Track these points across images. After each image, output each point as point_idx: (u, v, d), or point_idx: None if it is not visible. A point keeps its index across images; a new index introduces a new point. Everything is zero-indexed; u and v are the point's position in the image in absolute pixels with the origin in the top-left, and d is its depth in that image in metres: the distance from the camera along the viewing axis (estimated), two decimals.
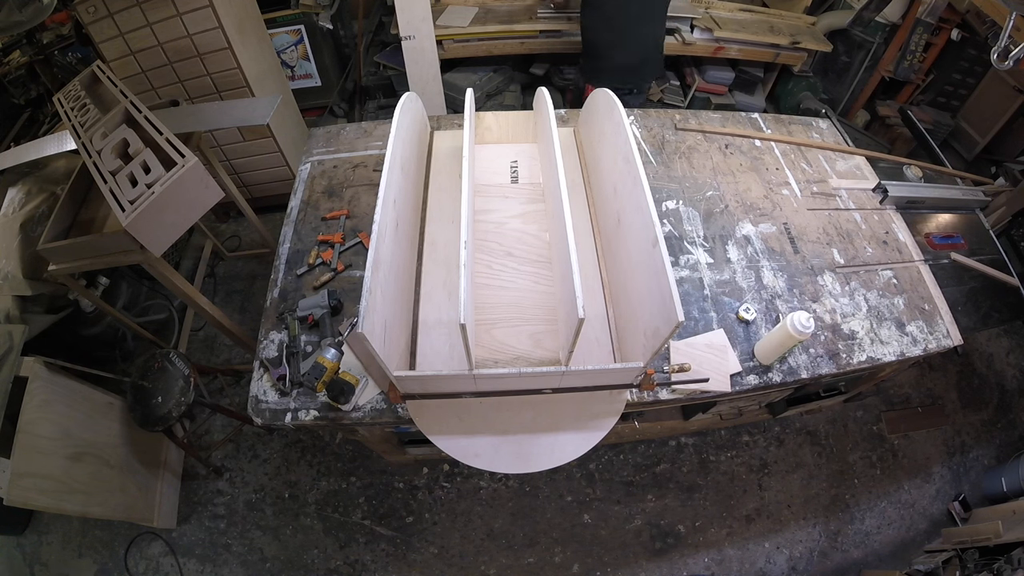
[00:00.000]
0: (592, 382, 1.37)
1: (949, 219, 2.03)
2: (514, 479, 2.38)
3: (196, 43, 2.35)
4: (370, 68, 3.42)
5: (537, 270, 1.51)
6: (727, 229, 1.85)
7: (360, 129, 2.14)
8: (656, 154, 2.07)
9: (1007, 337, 2.90)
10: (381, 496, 2.35)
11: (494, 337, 1.41)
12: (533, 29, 2.99)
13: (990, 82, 3.16)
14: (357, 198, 1.90)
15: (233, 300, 2.93)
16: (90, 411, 1.98)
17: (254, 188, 2.98)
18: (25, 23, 2.28)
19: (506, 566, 2.22)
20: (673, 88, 3.47)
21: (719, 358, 1.50)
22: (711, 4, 3.31)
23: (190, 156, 1.58)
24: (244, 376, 2.62)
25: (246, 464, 2.44)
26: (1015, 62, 1.61)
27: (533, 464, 1.36)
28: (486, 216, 1.60)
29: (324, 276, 1.68)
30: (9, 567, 2.24)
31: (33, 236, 2.00)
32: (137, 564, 2.23)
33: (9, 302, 1.97)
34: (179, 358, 1.91)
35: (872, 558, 2.29)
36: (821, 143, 2.16)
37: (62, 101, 2.00)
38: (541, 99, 1.67)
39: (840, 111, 3.49)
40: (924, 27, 3.02)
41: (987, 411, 2.68)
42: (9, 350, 1.80)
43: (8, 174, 2.20)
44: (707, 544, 2.27)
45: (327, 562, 2.23)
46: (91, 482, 1.92)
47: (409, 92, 1.68)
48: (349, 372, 1.40)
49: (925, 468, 2.51)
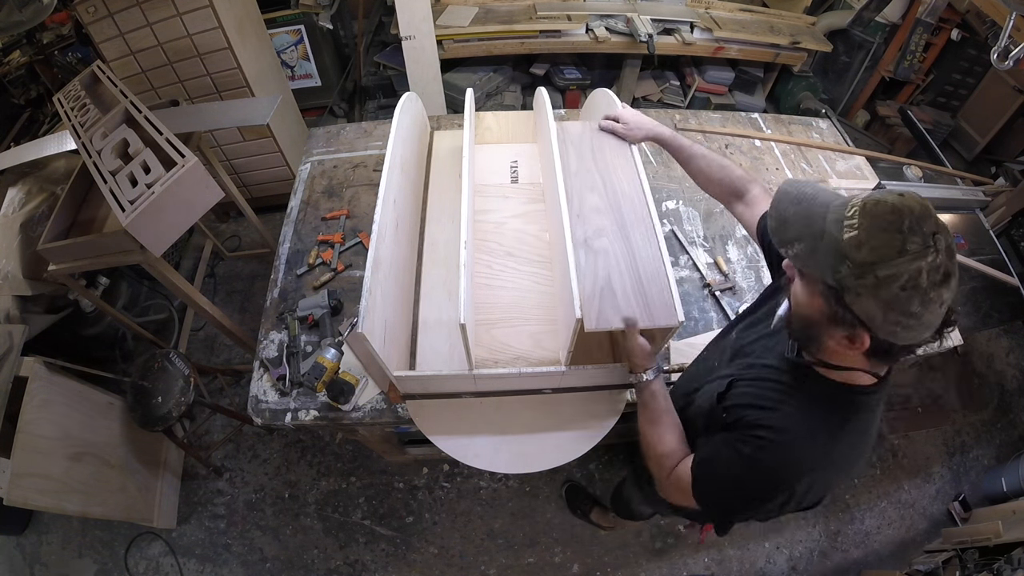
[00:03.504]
0: (592, 382, 1.37)
1: (949, 219, 2.03)
2: (514, 479, 2.37)
3: (196, 43, 2.34)
4: (370, 68, 3.42)
5: (537, 270, 1.50)
6: (727, 229, 1.85)
7: (360, 129, 2.14)
8: (656, 154, 2.07)
9: (1007, 337, 2.90)
10: (381, 496, 2.35)
11: (494, 337, 1.41)
12: (533, 29, 2.99)
13: (990, 82, 3.16)
14: (357, 198, 1.90)
15: (233, 300, 2.93)
16: (90, 411, 1.98)
17: (254, 188, 2.98)
18: (25, 23, 2.28)
19: (506, 566, 2.22)
20: (673, 88, 3.47)
21: None
22: (711, 4, 3.31)
23: (190, 156, 1.58)
24: (244, 376, 2.61)
25: (246, 464, 2.44)
26: (1015, 62, 1.61)
27: (533, 464, 1.36)
28: (486, 216, 1.59)
29: (324, 276, 1.68)
30: (9, 567, 2.24)
31: (33, 236, 1.99)
32: (137, 564, 2.23)
33: (9, 302, 1.97)
34: (179, 358, 1.91)
35: (872, 558, 2.29)
36: (821, 143, 2.16)
37: (62, 101, 2.00)
38: (541, 99, 1.67)
39: (840, 111, 3.49)
40: (924, 27, 3.01)
41: (987, 411, 2.68)
42: (9, 350, 1.80)
43: (8, 174, 2.20)
44: (707, 544, 2.27)
45: (327, 562, 2.23)
46: (91, 482, 1.92)
47: (409, 92, 1.68)
48: (349, 372, 1.40)
49: (925, 468, 2.51)
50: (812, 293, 0.80)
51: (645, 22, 3.03)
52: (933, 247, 0.68)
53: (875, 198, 0.73)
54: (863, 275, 0.71)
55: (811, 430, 0.88)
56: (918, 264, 0.68)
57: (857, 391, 0.87)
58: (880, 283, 0.70)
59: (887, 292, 0.70)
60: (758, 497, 0.93)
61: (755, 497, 0.94)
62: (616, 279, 1.16)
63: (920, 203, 0.71)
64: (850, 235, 0.71)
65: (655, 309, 1.11)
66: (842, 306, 0.75)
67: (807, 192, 0.82)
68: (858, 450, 0.92)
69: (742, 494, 0.95)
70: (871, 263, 0.70)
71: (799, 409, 0.89)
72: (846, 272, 0.72)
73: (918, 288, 0.69)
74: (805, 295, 0.82)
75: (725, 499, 0.99)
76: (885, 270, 0.69)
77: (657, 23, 3.07)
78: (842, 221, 0.73)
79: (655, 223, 1.27)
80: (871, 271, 0.70)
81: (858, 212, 0.72)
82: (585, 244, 1.23)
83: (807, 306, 0.82)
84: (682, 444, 1.07)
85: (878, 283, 0.70)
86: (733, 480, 0.94)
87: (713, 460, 0.98)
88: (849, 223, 0.72)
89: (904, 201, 0.71)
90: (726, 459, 0.94)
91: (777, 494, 0.91)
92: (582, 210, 1.32)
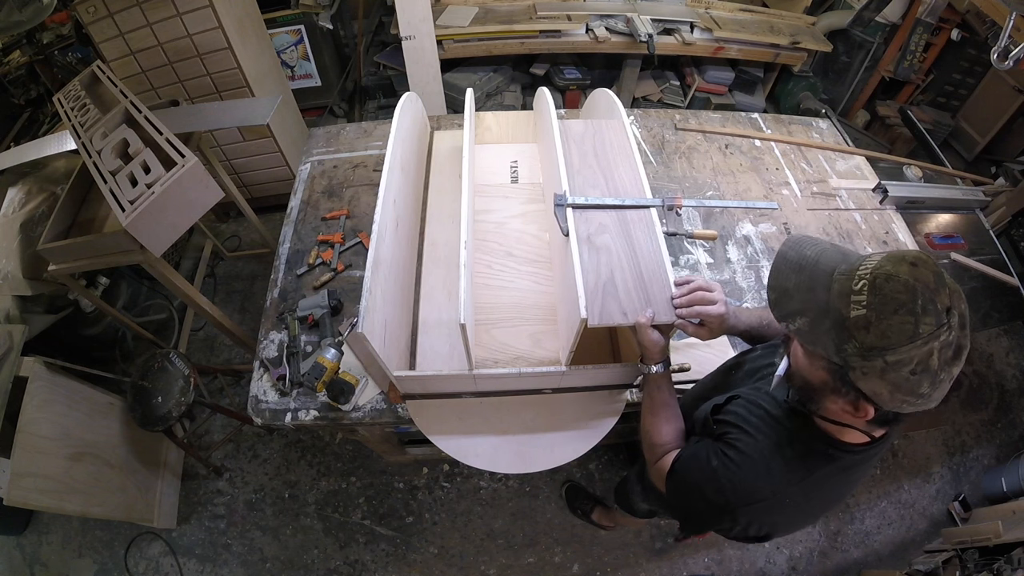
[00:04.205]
0: (592, 382, 1.37)
1: (949, 219, 2.03)
2: (514, 479, 2.37)
3: (196, 43, 2.34)
4: (370, 68, 3.42)
5: (537, 270, 1.51)
6: (727, 229, 1.85)
7: (360, 129, 2.14)
8: (656, 154, 2.07)
9: (1007, 337, 2.90)
10: (381, 496, 2.35)
11: (494, 337, 1.41)
12: (533, 29, 2.99)
13: (990, 82, 3.17)
14: (357, 198, 1.90)
15: (233, 300, 2.93)
16: (90, 411, 1.98)
17: (254, 188, 2.98)
18: (25, 23, 2.28)
19: (506, 566, 2.22)
20: (673, 88, 3.47)
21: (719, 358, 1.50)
22: (711, 4, 3.31)
23: (190, 156, 1.58)
24: (244, 376, 2.61)
25: (246, 464, 2.44)
26: (1015, 62, 1.61)
27: (533, 464, 1.36)
28: (486, 216, 1.60)
29: (324, 276, 1.68)
30: (9, 567, 2.24)
31: (33, 236, 1.99)
32: (137, 564, 2.23)
33: (9, 302, 1.97)
34: (179, 358, 1.91)
35: (872, 558, 2.29)
36: (821, 143, 2.16)
37: (62, 101, 2.00)
38: (541, 99, 1.67)
39: (840, 111, 3.49)
40: (924, 27, 3.02)
41: (987, 411, 2.68)
42: (9, 350, 1.79)
43: (8, 174, 2.20)
44: (707, 544, 2.27)
45: (327, 562, 2.23)
46: (91, 482, 1.92)
47: (409, 92, 1.68)
48: (349, 372, 1.40)
49: (925, 468, 2.51)
50: (814, 364, 0.76)
51: (645, 22, 3.03)
52: (947, 325, 0.64)
53: (886, 272, 0.67)
54: (870, 358, 0.66)
55: (770, 468, 0.87)
56: (930, 347, 0.64)
57: (840, 447, 0.83)
58: (888, 367, 0.66)
59: (896, 376, 0.66)
60: (707, 509, 0.94)
61: (705, 507, 0.94)
62: (618, 276, 1.16)
63: (934, 273, 0.66)
64: (857, 313, 0.67)
65: (656, 306, 1.11)
66: (846, 383, 0.71)
67: (809, 257, 0.76)
68: (814, 503, 0.90)
69: (697, 500, 0.95)
70: (879, 348, 0.65)
71: (773, 444, 0.88)
72: (852, 351, 0.68)
73: (928, 371, 0.65)
74: (806, 363, 0.78)
75: (685, 498, 1.00)
76: (895, 356, 0.65)
77: (657, 23, 3.07)
78: (849, 296, 0.68)
79: (655, 221, 1.27)
80: (879, 355, 0.66)
81: (867, 288, 0.67)
82: (588, 241, 1.23)
83: (808, 373, 0.78)
84: (677, 438, 1.08)
85: (886, 367, 0.66)
86: (696, 486, 0.95)
87: (690, 460, 0.99)
88: (857, 300, 0.67)
89: (917, 274, 0.65)
90: (699, 462, 0.95)
91: (722, 514, 0.91)
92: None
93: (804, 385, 0.81)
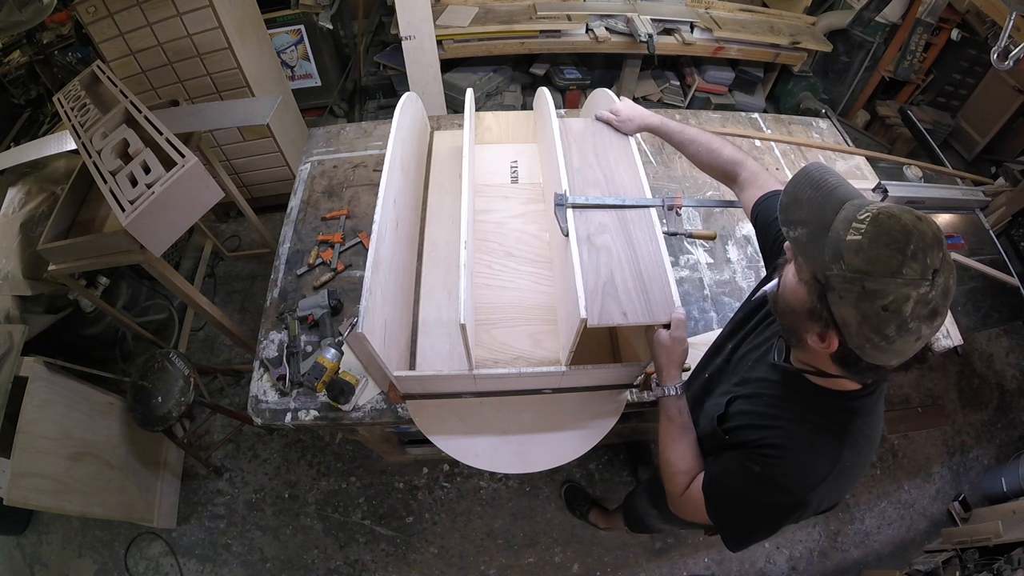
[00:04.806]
0: (592, 382, 1.37)
1: (949, 219, 2.03)
2: (514, 479, 2.38)
3: (196, 43, 2.34)
4: (370, 68, 3.42)
5: (537, 270, 1.50)
6: (727, 229, 1.85)
7: (360, 129, 2.14)
8: (656, 154, 2.07)
9: (1007, 337, 2.90)
10: (381, 496, 2.35)
11: (494, 337, 1.41)
12: (533, 29, 2.99)
13: (990, 82, 3.16)
14: (357, 198, 1.90)
15: (233, 300, 2.93)
16: (90, 411, 1.98)
17: (254, 188, 2.98)
18: (25, 23, 2.28)
19: (506, 566, 2.22)
20: (673, 88, 3.47)
21: None
22: (711, 4, 3.31)
23: (190, 156, 1.58)
24: (244, 376, 2.61)
25: (246, 464, 2.44)
26: (1015, 62, 1.61)
27: (533, 464, 1.36)
28: (486, 216, 1.59)
29: (324, 276, 1.68)
30: (9, 567, 2.24)
31: (33, 236, 1.99)
32: (137, 564, 2.23)
33: (9, 302, 1.97)
34: (179, 358, 1.91)
35: (872, 558, 2.29)
36: (821, 143, 2.16)
37: (62, 101, 2.00)
38: (542, 99, 1.67)
39: (840, 111, 3.48)
40: (924, 27, 3.01)
41: (987, 411, 2.68)
42: (9, 350, 1.79)
43: (8, 174, 2.20)
44: (707, 544, 2.27)
45: (327, 562, 2.23)
46: (91, 482, 1.92)
47: (409, 92, 1.68)
48: (349, 372, 1.40)
49: (925, 468, 2.51)
50: (799, 281, 0.80)
51: (645, 22, 3.03)
52: (930, 281, 0.67)
53: (892, 212, 0.71)
54: (851, 281, 0.70)
55: (814, 444, 0.87)
56: (907, 291, 0.67)
57: (848, 396, 0.87)
58: (865, 294, 0.69)
59: (868, 306, 0.69)
60: (771, 514, 0.92)
61: (768, 513, 0.93)
62: (618, 276, 1.16)
63: (935, 234, 0.69)
64: (853, 238, 0.70)
65: (656, 306, 1.11)
66: (823, 303, 0.75)
67: (830, 182, 0.80)
68: (864, 454, 0.91)
69: (758, 511, 0.94)
70: (863, 272, 0.69)
71: (796, 422, 0.89)
72: (837, 272, 0.71)
73: (899, 314, 0.68)
74: (793, 281, 0.82)
75: (741, 517, 0.98)
76: (873, 284, 0.68)
77: (657, 23, 3.07)
78: (851, 221, 0.72)
79: (655, 221, 1.27)
80: (860, 280, 0.69)
81: (869, 219, 0.70)
82: (588, 240, 1.23)
83: (791, 293, 0.82)
84: (698, 461, 1.06)
85: (863, 294, 0.69)
86: (748, 498, 0.93)
87: (724, 479, 0.97)
88: (857, 226, 0.71)
89: (919, 225, 0.69)
90: (739, 477, 0.93)
91: (791, 510, 0.90)
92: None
93: (784, 309, 0.85)
